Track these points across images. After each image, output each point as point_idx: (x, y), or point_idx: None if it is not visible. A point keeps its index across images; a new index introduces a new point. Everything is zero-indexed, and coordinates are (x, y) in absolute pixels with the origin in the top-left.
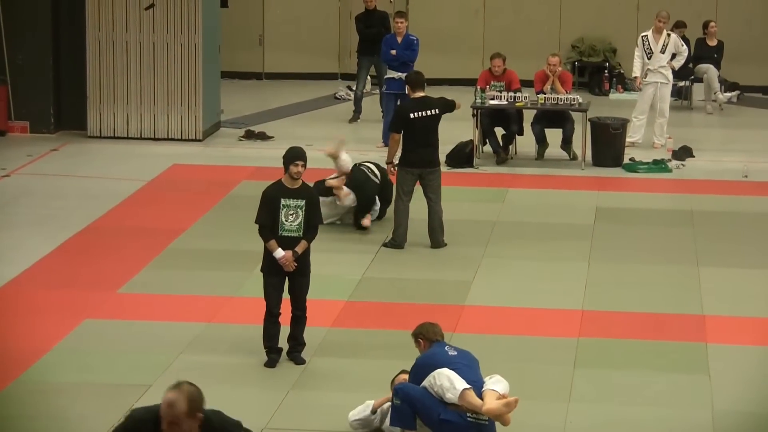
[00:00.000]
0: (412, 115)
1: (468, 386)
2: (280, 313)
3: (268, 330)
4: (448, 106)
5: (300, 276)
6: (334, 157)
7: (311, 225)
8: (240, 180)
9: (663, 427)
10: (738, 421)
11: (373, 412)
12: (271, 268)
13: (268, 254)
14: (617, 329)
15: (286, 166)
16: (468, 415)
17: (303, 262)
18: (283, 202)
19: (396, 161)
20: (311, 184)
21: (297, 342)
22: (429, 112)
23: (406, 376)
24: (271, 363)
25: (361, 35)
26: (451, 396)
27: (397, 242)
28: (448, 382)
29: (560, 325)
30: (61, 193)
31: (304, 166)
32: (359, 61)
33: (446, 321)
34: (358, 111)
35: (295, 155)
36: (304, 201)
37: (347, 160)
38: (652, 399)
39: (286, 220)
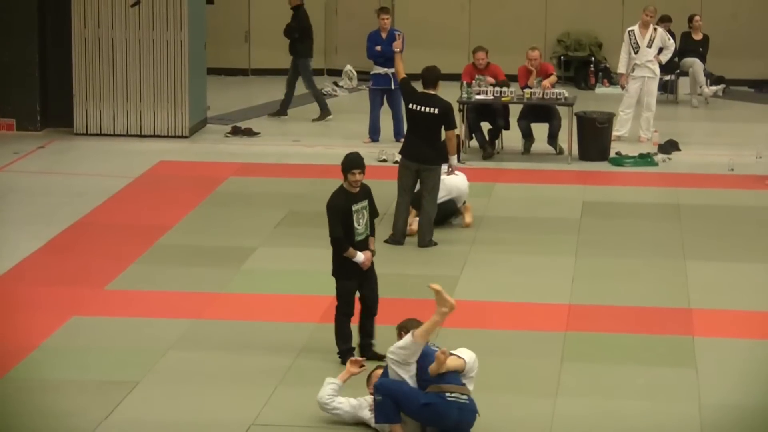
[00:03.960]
0: (410, 106)
1: (412, 330)
2: (353, 314)
3: (344, 330)
4: (451, 119)
5: (371, 270)
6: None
7: (373, 220)
8: (227, 176)
9: (650, 420)
10: (725, 415)
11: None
12: (347, 272)
13: (343, 260)
14: (604, 323)
15: (344, 174)
16: (447, 394)
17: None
18: (353, 208)
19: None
20: None
21: (371, 337)
22: (428, 110)
23: (380, 372)
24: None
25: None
26: (411, 344)
27: (395, 238)
28: (402, 341)
29: (547, 320)
30: (48, 190)
31: (362, 173)
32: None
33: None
34: (322, 107)
35: (352, 164)
36: (367, 200)
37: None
38: (639, 393)
39: (358, 225)
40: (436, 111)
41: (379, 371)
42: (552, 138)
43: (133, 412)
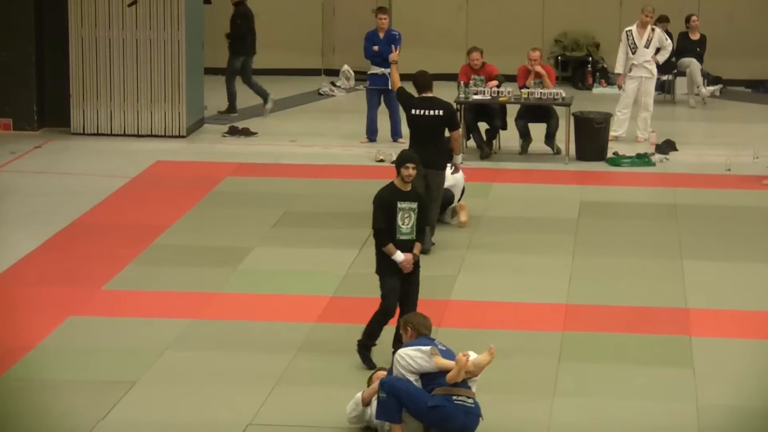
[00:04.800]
0: (413, 112)
1: (432, 346)
2: (393, 316)
3: (376, 329)
4: (456, 120)
5: (413, 275)
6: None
7: (421, 227)
8: (224, 176)
9: (647, 420)
10: (722, 414)
11: (366, 404)
12: (389, 269)
13: (385, 257)
14: (601, 323)
15: (398, 169)
16: (454, 397)
17: (416, 261)
18: (399, 205)
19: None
20: None
21: None
22: (432, 112)
23: (383, 372)
24: (371, 364)
25: None
26: (424, 362)
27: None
28: (415, 351)
29: (545, 319)
30: (45, 190)
31: (416, 168)
32: None
33: (431, 315)
34: (231, 106)
35: (406, 158)
36: (416, 203)
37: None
38: (636, 392)
39: (402, 224)
40: (441, 113)
41: (381, 373)
42: (549, 138)
43: (130, 412)
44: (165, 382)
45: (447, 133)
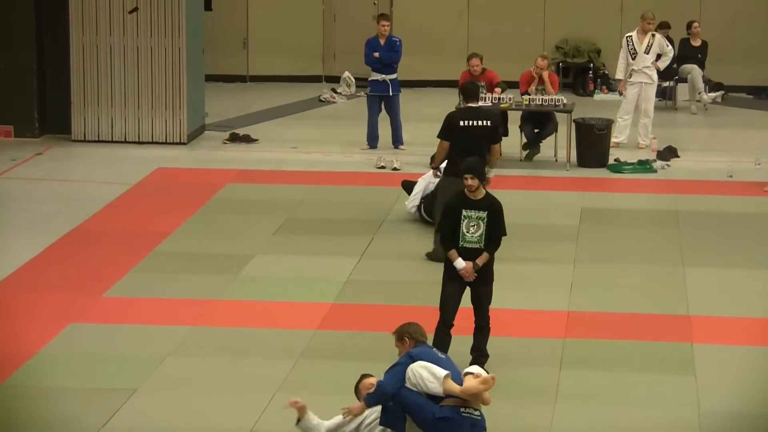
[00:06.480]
0: (461, 123)
1: (447, 372)
2: (453, 325)
3: (441, 341)
4: (500, 132)
5: (482, 285)
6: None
7: (494, 236)
8: (225, 183)
9: (649, 427)
10: (724, 421)
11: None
12: (450, 275)
13: (448, 262)
14: (603, 330)
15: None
16: (461, 410)
17: (484, 271)
18: (464, 212)
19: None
20: None
21: (481, 353)
22: (480, 123)
23: (370, 380)
24: None
25: None
26: (434, 387)
27: (438, 254)
28: (427, 373)
29: (546, 326)
30: (46, 197)
31: (474, 179)
32: None
33: (432, 323)
34: None
35: (465, 169)
36: (486, 212)
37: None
38: (638, 400)
39: (467, 231)
40: (489, 123)
41: (369, 380)
42: (541, 138)
43: (131, 419)
44: (166, 389)
45: None
